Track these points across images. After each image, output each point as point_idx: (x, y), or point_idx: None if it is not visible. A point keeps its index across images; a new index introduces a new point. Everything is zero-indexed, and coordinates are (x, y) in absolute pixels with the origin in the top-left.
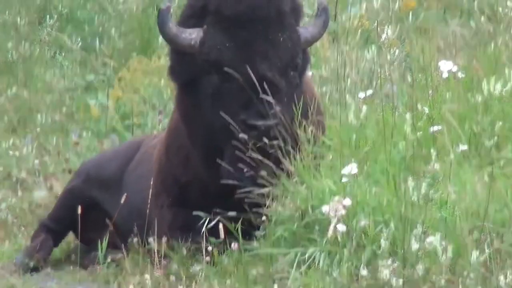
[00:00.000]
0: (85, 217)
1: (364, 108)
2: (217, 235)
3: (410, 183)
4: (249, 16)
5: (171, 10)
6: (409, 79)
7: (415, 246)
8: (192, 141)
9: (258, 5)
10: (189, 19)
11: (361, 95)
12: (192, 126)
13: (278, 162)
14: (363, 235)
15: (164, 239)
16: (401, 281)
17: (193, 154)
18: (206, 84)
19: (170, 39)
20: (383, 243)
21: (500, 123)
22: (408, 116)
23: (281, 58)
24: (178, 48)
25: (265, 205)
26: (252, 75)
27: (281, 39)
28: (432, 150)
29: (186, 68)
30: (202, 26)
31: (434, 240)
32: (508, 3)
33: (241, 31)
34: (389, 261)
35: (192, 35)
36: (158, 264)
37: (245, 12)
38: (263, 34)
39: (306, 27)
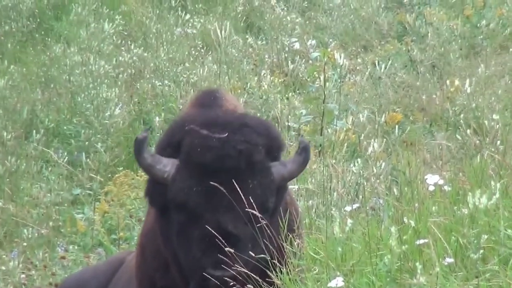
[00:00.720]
0: None
1: (349, 221)
2: None
3: None
4: (218, 165)
5: (147, 139)
6: (396, 192)
7: None
8: (166, 252)
9: (228, 155)
10: (166, 148)
11: (347, 208)
12: (165, 241)
13: (264, 276)
14: None
15: None
16: None
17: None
18: (173, 219)
19: (144, 168)
20: None
21: (486, 236)
22: (394, 229)
23: (248, 207)
24: (153, 178)
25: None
26: (212, 226)
27: (250, 186)
28: (417, 263)
29: (159, 196)
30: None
31: None
32: (494, 116)
33: (209, 179)
34: None
35: (166, 167)
36: None
37: (214, 161)
38: (230, 184)
39: (285, 162)
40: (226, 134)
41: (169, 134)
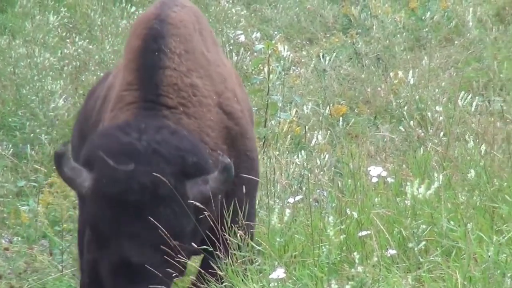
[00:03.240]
0: None
1: (287, 211)
2: None
3: (334, 285)
4: (123, 198)
5: (67, 153)
6: (339, 184)
7: None
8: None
9: (131, 190)
10: (84, 164)
11: (290, 200)
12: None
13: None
14: None
15: None
16: None
17: None
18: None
19: (65, 182)
20: None
21: (426, 227)
22: (332, 219)
23: (157, 236)
24: (75, 190)
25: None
26: (117, 254)
27: (159, 215)
28: (356, 254)
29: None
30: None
31: None
32: (438, 108)
33: (116, 208)
34: None
35: (85, 183)
36: None
37: (119, 195)
38: (135, 215)
39: (207, 179)
40: (132, 167)
41: (87, 150)
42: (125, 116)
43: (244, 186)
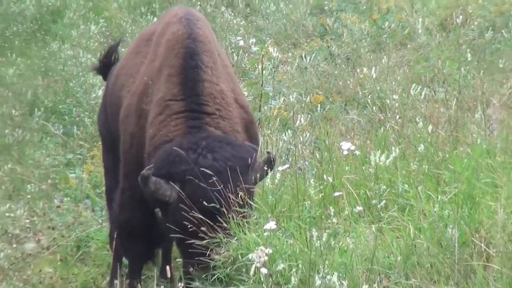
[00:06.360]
0: None
1: (278, 176)
2: (165, 275)
3: (314, 233)
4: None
5: (150, 175)
6: (318, 156)
7: (318, 282)
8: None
9: (218, 200)
10: (165, 177)
11: (280, 168)
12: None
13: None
14: (280, 275)
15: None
16: None
17: None
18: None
19: (148, 195)
20: (294, 280)
21: (386, 187)
22: (315, 184)
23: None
24: (155, 200)
25: (207, 255)
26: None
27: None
28: (331, 209)
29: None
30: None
31: (333, 278)
32: (394, 96)
33: (205, 214)
34: None
35: (167, 192)
36: None
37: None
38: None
39: (258, 170)
40: (216, 184)
41: (167, 167)
42: (175, 123)
43: None
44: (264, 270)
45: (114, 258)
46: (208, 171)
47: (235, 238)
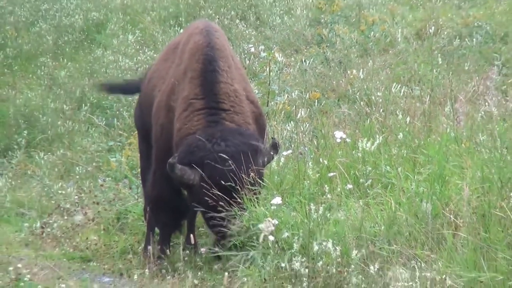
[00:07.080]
0: None
1: (282, 160)
2: (189, 242)
3: (312, 207)
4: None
5: (176, 163)
6: (315, 143)
7: (316, 248)
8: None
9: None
10: (188, 164)
11: (284, 153)
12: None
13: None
14: (284, 242)
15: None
16: (307, 270)
17: None
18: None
19: (175, 179)
20: (296, 246)
21: (371, 169)
22: (313, 166)
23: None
24: (180, 183)
25: (225, 225)
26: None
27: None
28: (326, 187)
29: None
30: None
31: (328, 244)
32: (378, 93)
33: (224, 191)
34: (300, 258)
35: (191, 176)
36: (154, 262)
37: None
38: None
39: (265, 154)
40: (231, 166)
41: (188, 156)
42: (198, 119)
43: None
44: (271, 238)
45: (147, 227)
46: (222, 155)
47: (247, 211)
